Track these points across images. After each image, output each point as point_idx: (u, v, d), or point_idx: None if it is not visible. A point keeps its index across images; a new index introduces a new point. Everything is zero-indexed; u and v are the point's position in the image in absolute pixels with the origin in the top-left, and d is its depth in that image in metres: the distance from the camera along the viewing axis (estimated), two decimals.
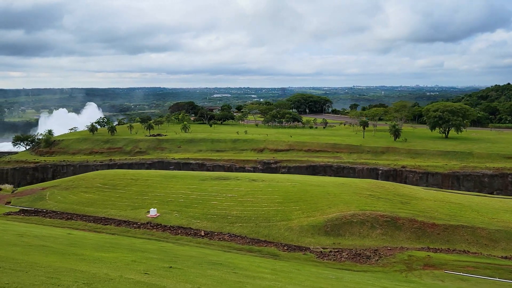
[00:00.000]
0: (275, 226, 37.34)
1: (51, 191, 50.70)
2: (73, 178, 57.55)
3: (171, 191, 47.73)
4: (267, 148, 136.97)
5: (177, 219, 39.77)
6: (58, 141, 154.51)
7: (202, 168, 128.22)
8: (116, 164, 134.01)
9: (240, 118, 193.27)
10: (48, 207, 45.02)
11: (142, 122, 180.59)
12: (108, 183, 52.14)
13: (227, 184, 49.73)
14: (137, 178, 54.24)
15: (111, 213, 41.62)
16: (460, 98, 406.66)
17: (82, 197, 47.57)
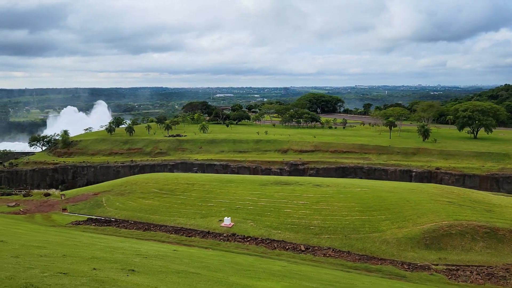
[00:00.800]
0: (368, 238, 34.55)
1: (106, 197, 47.88)
2: (123, 182, 54.68)
3: (235, 197, 44.92)
4: (291, 149, 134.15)
5: (254, 229, 36.94)
6: (75, 141, 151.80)
7: (226, 170, 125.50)
8: (138, 166, 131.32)
9: (256, 118, 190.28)
10: (110, 214, 42.19)
11: (158, 122, 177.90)
12: (164, 188, 49.32)
13: (292, 190, 46.92)
14: (192, 183, 51.40)
15: (180, 221, 38.81)
16: (470, 97, 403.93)
17: (141, 203, 44.74)
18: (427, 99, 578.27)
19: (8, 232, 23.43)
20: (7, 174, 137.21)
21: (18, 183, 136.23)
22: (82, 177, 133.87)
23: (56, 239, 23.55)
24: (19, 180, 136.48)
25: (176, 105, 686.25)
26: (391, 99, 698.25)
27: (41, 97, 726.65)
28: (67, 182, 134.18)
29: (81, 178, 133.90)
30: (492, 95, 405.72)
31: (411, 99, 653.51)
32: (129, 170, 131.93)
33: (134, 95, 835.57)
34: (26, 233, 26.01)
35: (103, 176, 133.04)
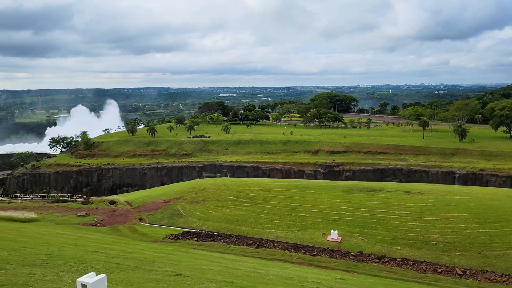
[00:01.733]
0: (507, 256, 30.95)
1: (181, 205, 44.25)
2: (189, 188, 50.98)
3: (324, 206, 41.35)
4: (322, 150, 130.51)
5: (367, 245, 33.35)
6: (97, 143, 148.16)
7: (257, 171, 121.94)
8: (165, 168, 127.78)
9: (277, 118, 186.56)
10: (196, 225, 38.60)
11: (178, 122, 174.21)
12: (241, 196, 45.72)
13: (384, 198, 43.34)
14: (267, 189, 47.82)
15: (278, 234, 35.24)
16: (480, 96, 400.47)
17: (224, 213, 41.15)
18: (432, 98, 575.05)
19: (129, 255, 19.96)
20: (30, 177, 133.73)
21: (41, 186, 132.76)
22: (108, 180, 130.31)
23: (187, 262, 20.09)
24: (42, 182, 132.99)
25: (181, 105, 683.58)
26: (396, 98, 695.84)
27: (45, 97, 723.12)
28: (92, 185, 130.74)
29: (107, 181, 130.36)
30: (504, 93, 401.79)
31: (416, 97, 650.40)
32: (155, 172, 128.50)
33: (137, 95, 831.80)
34: (150, 253, 22.43)
35: (129, 178, 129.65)
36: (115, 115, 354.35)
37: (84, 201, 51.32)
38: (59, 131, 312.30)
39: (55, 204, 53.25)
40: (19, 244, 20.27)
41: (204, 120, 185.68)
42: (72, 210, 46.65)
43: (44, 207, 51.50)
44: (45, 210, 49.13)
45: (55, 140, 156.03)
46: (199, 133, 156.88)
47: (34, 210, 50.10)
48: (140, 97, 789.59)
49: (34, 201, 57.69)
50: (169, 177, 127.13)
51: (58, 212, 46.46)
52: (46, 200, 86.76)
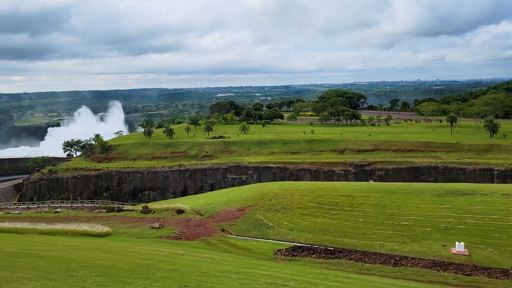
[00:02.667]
0: None
1: (261, 214, 40.62)
2: (258, 194, 47.32)
3: (424, 212, 37.93)
4: (349, 149, 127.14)
5: (504, 258, 29.86)
6: (113, 146, 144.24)
7: (284, 172, 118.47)
8: (187, 170, 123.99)
9: (292, 117, 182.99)
10: (291, 237, 34.98)
11: (193, 123, 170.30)
12: (323, 202, 42.22)
13: (486, 202, 39.87)
14: (347, 194, 44.34)
15: (392, 247, 31.74)
16: (484, 90, 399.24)
17: (315, 222, 37.66)
18: (430, 94, 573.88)
19: (284, 282, 16.50)
20: (47, 182, 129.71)
21: (59, 191, 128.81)
22: (128, 183, 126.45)
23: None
24: (60, 187, 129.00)
25: (180, 106, 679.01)
26: (395, 94, 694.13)
27: (42, 100, 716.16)
28: (112, 189, 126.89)
29: (127, 184, 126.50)
30: (508, 87, 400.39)
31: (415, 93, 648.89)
32: (178, 175, 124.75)
33: (135, 96, 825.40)
34: (302, 278, 18.85)
35: (150, 181, 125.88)
36: (119, 116, 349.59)
37: (144, 210, 47.50)
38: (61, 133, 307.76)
39: (111, 214, 49.43)
40: (162, 273, 16.69)
41: (218, 120, 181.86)
42: (137, 221, 42.90)
43: (101, 218, 47.73)
44: (103, 221, 45.38)
45: (68, 143, 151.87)
46: (215, 134, 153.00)
47: (92, 221, 46.34)
48: (138, 98, 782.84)
49: (84, 211, 53.76)
50: (193, 179, 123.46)
51: (122, 223, 42.72)
52: (86, 207, 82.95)
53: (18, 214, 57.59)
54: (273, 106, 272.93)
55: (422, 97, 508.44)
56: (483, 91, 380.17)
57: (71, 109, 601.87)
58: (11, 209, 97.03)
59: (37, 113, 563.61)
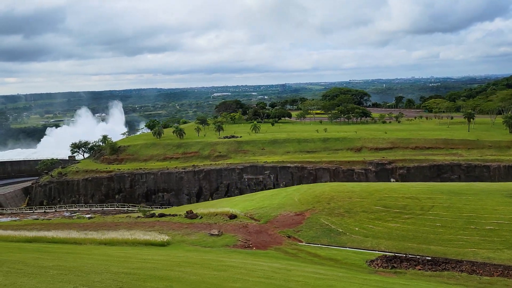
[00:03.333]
0: None
1: (325, 218, 38.15)
2: (309, 196, 44.97)
3: (507, 215, 35.57)
4: (365, 147, 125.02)
5: None
6: (123, 147, 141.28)
7: (302, 172, 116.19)
8: (202, 171, 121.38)
9: (301, 115, 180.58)
10: (368, 245, 32.52)
11: (202, 123, 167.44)
12: (388, 205, 39.86)
13: None
14: (411, 196, 42.03)
15: (487, 255, 29.35)
16: (484, 87, 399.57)
17: (388, 227, 35.31)
18: (426, 91, 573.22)
19: None
20: (57, 185, 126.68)
21: (69, 194, 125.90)
22: (142, 185, 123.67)
23: None
24: (70, 190, 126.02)
25: (177, 106, 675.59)
26: (391, 92, 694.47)
27: (36, 102, 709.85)
28: (125, 191, 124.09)
29: (140, 186, 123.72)
30: (508, 83, 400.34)
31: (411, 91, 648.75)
32: (193, 176, 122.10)
33: (130, 96, 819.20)
34: None
35: (164, 183, 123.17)
36: (120, 117, 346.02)
37: (190, 215, 44.91)
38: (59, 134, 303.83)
39: (153, 219, 46.81)
40: None
41: (226, 119, 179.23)
42: (188, 227, 40.32)
43: (144, 224, 45.12)
44: (148, 227, 42.80)
45: (76, 145, 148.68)
46: (225, 134, 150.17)
47: (136, 227, 43.74)
48: (134, 99, 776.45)
49: (129, 217, 51.06)
50: (208, 180, 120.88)
51: (173, 229, 40.16)
52: (115, 210, 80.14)
53: (49, 221, 54.82)
54: (276, 104, 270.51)
55: (418, 94, 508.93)
56: (482, 88, 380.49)
57: (67, 111, 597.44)
58: (28, 214, 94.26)
59: (33, 115, 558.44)
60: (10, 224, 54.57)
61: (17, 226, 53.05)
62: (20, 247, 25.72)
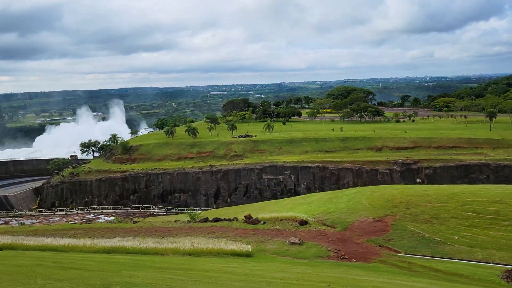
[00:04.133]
0: None
1: (412, 225, 35.23)
2: (379, 200, 42.09)
3: None
4: (386, 146, 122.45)
5: None
6: (135, 146, 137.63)
7: (324, 172, 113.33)
8: (220, 171, 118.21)
9: (312, 114, 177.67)
10: (480, 256, 29.75)
11: (212, 122, 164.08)
12: (479, 210, 36.95)
13: None
14: (499, 201, 39.20)
15: None
16: (484, 86, 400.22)
17: (492, 236, 32.73)
18: (422, 90, 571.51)
19: None
20: (69, 185, 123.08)
21: (82, 195, 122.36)
22: (157, 186, 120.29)
23: None
24: (83, 191, 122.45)
25: (174, 104, 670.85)
26: (387, 91, 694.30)
27: (31, 101, 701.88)
28: (140, 192, 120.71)
29: (156, 187, 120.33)
30: (508, 82, 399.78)
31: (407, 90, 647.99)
32: (210, 176, 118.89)
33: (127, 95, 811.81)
34: None
35: (180, 183, 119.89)
36: (121, 115, 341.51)
37: (252, 220, 41.83)
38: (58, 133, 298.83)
39: (210, 224, 43.71)
40: None
41: (236, 118, 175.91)
42: (256, 233, 37.29)
43: (201, 229, 42.01)
44: (209, 233, 39.71)
45: (85, 144, 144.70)
46: (237, 133, 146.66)
47: (193, 233, 40.63)
48: (130, 97, 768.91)
49: (178, 221, 47.84)
50: (226, 180, 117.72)
51: (240, 236, 37.06)
52: (140, 212, 76.56)
53: (89, 225, 51.50)
54: (281, 103, 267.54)
55: (415, 92, 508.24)
56: (482, 87, 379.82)
57: (63, 109, 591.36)
58: (49, 216, 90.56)
59: (28, 113, 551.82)
60: (47, 228, 51.14)
61: (57, 230, 49.76)
62: (117, 262, 22.57)
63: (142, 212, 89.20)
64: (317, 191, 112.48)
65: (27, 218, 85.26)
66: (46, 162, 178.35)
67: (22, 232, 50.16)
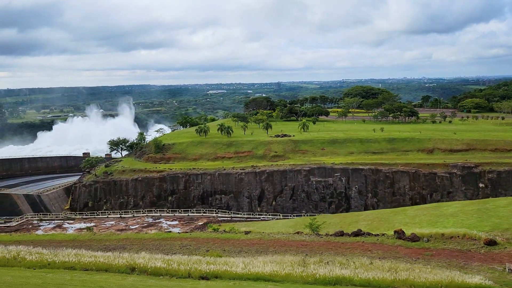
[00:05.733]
0: None
1: None
2: None
3: None
4: (438, 148, 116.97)
5: None
6: (167, 145, 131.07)
7: (377, 175, 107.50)
8: (264, 172, 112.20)
9: (343, 114, 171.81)
10: None
11: (242, 120, 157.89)
12: None
13: None
14: None
15: None
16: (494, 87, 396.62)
17: None
18: (423, 91, 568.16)
19: None
20: (103, 185, 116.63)
21: (117, 195, 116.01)
22: (197, 187, 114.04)
23: None
24: (118, 191, 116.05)
25: (175, 102, 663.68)
26: None
27: (29, 97, 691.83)
28: (178, 193, 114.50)
29: (196, 188, 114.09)
30: None
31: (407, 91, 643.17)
32: (254, 177, 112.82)
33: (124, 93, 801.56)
34: None
35: (222, 184, 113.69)
36: (131, 113, 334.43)
37: (407, 237, 35.63)
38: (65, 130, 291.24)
39: (352, 239, 37.53)
40: None
41: (265, 117, 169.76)
42: (434, 254, 31.16)
43: (345, 245, 35.90)
44: (366, 252, 33.60)
45: (114, 142, 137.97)
46: (271, 132, 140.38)
47: (344, 251, 34.55)
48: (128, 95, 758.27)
49: (298, 234, 41.68)
50: (271, 182, 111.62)
51: (410, 258, 30.98)
52: (203, 216, 70.47)
53: (190, 234, 45.26)
54: (294, 102, 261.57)
55: (416, 94, 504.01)
56: (493, 88, 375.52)
57: (63, 106, 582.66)
58: (102, 219, 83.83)
59: (29, 110, 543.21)
60: (142, 237, 44.74)
61: (157, 240, 43.47)
62: None
63: (205, 217, 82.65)
64: (370, 195, 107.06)
65: (79, 221, 78.56)
66: (60, 159, 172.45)
67: (116, 242, 43.87)
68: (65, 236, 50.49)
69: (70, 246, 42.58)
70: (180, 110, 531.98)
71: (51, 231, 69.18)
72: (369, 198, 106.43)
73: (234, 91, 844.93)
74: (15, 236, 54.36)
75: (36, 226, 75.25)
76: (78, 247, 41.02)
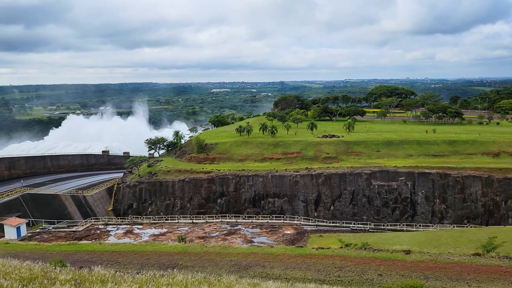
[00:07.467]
0: None
1: None
2: None
3: None
4: (504, 152, 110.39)
5: None
6: (210, 145, 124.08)
7: (446, 179, 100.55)
8: (321, 175, 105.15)
9: (382, 114, 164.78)
10: None
11: (281, 120, 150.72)
12: None
13: None
14: None
15: None
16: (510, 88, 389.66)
17: None
18: (429, 92, 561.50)
19: None
20: (148, 186, 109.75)
21: (163, 197, 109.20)
22: (248, 189, 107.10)
23: None
24: (164, 192, 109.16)
25: (181, 100, 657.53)
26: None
27: (33, 93, 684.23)
28: (228, 195, 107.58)
29: (247, 190, 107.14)
30: None
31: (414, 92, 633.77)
32: (310, 180, 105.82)
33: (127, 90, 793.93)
34: None
35: (275, 187, 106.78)
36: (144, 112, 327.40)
37: None
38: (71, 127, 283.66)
39: None
40: None
41: (301, 117, 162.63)
42: None
43: None
44: None
45: (151, 141, 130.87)
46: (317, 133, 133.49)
47: None
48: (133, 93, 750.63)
49: (454, 255, 34.69)
50: (328, 186, 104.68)
51: None
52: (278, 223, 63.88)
53: (335, 252, 38.21)
54: (318, 101, 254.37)
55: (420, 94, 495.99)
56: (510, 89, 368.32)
57: (69, 103, 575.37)
58: (173, 224, 76.48)
59: (35, 106, 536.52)
60: (268, 252, 37.67)
61: (295, 258, 36.40)
62: None
63: (288, 224, 75.45)
64: (438, 201, 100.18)
65: (148, 226, 71.31)
66: (81, 157, 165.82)
67: (244, 258, 36.81)
68: (166, 247, 43.37)
69: (196, 264, 35.57)
70: (187, 109, 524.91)
71: (124, 238, 62.05)
72: (437, 204, 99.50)
73: (238, 90, 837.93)
74: (97, 246, 47.12)
75: (104, 231, 68.05)
76: (210, 264, 34.03)
